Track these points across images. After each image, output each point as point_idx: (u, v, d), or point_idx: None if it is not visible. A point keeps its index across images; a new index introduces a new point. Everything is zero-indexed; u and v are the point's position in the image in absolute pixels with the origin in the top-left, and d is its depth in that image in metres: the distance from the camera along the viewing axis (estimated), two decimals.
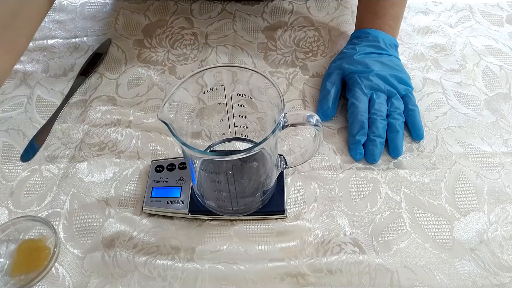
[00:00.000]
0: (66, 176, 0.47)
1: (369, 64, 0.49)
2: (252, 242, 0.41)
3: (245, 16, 0.63)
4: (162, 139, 0.50)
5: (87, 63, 0.58)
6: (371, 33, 0.52)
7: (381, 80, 0.49)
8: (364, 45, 0.52)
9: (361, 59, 0.50)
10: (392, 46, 0.53)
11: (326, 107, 0.49)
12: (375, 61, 0.50)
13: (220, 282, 0.39)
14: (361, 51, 0.51)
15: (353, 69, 0.50)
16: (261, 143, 0.33)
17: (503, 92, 0.53)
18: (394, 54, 0.52)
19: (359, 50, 0.51)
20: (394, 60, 0.51)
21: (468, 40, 0.59)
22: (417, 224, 0.42)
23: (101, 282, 0.39)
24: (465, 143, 0.48)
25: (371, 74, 0.49)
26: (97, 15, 0.65)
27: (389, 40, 0.52)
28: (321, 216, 0.43)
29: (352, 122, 0.47)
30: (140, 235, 0.42)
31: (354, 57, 0.51)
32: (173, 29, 0.62)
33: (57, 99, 0.54)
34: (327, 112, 0.50)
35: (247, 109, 0.41)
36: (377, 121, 0.47)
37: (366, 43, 0.52)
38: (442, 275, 0.39)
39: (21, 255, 0.41)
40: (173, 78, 0.56)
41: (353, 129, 0.47)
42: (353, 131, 0.47)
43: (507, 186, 0.45)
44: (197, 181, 0.41)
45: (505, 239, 0.41)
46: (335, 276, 0.39)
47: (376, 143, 0.46)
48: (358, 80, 0.49)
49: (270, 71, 0.56)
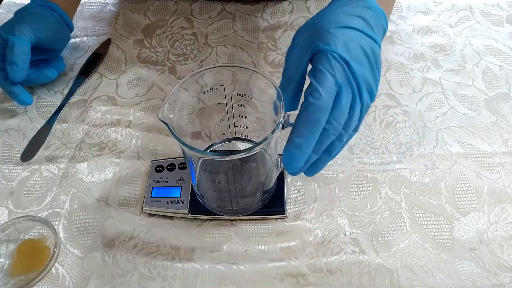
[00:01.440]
0: (66, 176, 0.47)
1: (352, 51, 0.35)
2: (252, 242, 0.41)
3: (245, 16, 0.64)
4: (162, 139, 0.50)
5: (87, 63, 0.58)
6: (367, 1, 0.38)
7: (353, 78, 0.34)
8: (351, 14, 0.37)
9: (341, 34, 0.35)
10: (380, 30, 0.39)
11: (286, 99, 0.37)
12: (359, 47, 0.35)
13: (220, 282, 0.39)
14: (343, 22, 0.36)
15: (326, 48, 0.34)
16: (261, 143, 0.33)
17: (503, 92, 0.53)
18: (378, 42, 0.38)
19: (343, 20, 0.36)
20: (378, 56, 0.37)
21: (468, 40, 0.59)
22: (417, 224, 0.42)
23: (101, 282, 0.39)
24: (465, 143, 0.48)
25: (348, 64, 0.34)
26: (97, 15, 0.65)
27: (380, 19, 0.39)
28: (321, 216, 0.43)
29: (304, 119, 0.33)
30: (140, 235, 0.42)
31: (332, 29, 0.35)
32: (173, 29, 0.62)
33: (57, 99, 0.54)
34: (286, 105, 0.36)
35: (247, 109, 0.41)
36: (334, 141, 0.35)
37: (354, 10, 0.37)
38: (442, 275, 0.39)
39: (21, 255, 0.41)
40: (173, 78, 0.56)
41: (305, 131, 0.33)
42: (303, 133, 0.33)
43: (507, 186, 0.45)
44: (197, 181, 0.41)
45: (505, 239, 0.41)
46: (335, 276, 0.39)
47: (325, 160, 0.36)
48: (331, 61, 0.34)
49: (270, 71, 0.56)
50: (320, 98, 0.32)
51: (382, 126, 0.50)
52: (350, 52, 0.34)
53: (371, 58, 0.36)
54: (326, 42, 0.34)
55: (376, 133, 0.49)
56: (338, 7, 0.38)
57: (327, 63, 0.33)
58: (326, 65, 0.33)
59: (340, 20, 0.36)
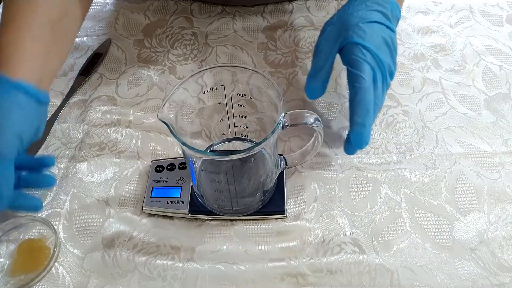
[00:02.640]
0: (66, 176, 0.47)
1: (376, 42, 0.42)
2: (252, 242, 0.41)
3: (245, 16, 0.63)
4: (162, 139, 0.50)
5: (87, 63, 0.58)
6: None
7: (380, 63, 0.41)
8: (373, 10, 0.44)
9: (367, 28, 0.42)
10: (395, 19, 0.46)
11: (315, 85, 0.44)
12: (381, 38, 0.42)
13: (220, 282, 0.39)
14: (367, 17, 0.43)
15: (358, 41, 0.41)
16: (261, 143, 0.33)
17: (503, 92, 0.53)
18: (395, 30, 0.45)
19: (367, 15, 0.43)
20: (395, 43, 0.44)
21: (468, 40, 0.59)
22: (417, 224, 0.42)
23: (101, 282, 0.39)
24: (465, 143, 0.48)
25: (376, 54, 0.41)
26: (97, 15, 0.65)
27: (395, 9, 0.46)
28: (321, 216, 0.43)
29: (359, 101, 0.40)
30: (140, 235, 0.42)
31: (360, 24, 0.42)
32: (173, 29, 0.62)
33: (57, 99, 0.54)
34: (315, 92, 0.44)
35: (247, 109, 0.41)
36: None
37: (374, 5, 0.44)
38: (442, 275, 0.39)
39: (21, 255, 0.41)
40: (173, 78, 0.56)
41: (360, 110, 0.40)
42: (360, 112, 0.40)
43: (507, 186, 0.45)
44: (197, 181, 0.41)
45: (505, 239, 0.41)
46: (335, 276, 0.39)
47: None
48: (363, 51, 0.41)
49: (270, 71, 0.56)
50: (365, 82, 0.40)
51: (382, 126, 0.50)
52: (375, 43, 0.41)
53: (390, 45, 0.43)
54: (356, 35, 0.41)
55: (376, 133, 0.49)
56: (361, 3, 0.44)
57: (361, 53, 0.41)
58: (360, 55, 0.41)
59: (364, 15, 0.43)
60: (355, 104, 0.40)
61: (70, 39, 0.47)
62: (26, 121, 0.39)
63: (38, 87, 0.40)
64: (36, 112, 0.40)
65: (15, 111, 0.38)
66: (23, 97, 0.39)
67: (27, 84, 0.39)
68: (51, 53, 0.43)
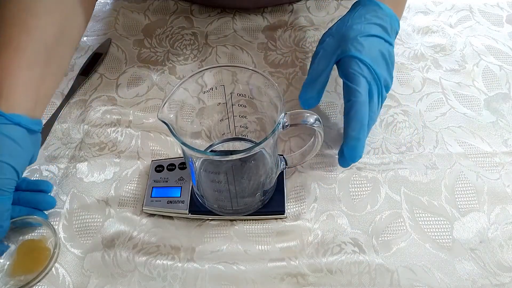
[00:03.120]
0: (66, 176, 0.47)
1: (374, 55, 0.42)
2: (252, 242, 0.41)
3: (245, 16, 0.63)
4: (162, 139, 0.50)
5: (87, 63, 0.58)
6: (383, 9, 0.45)
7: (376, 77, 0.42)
8: (372, 23, 0.44)
9: (365, 42, 0.42)
10: (394, 33, 0.46)
11: (310, 95, 0.44)
12: (378, 52, 0.43)
13: (220, 282, 0.39)
14: (366, 31, 0.43)
15: (355, 55, 0.42)
16: (261, 143, 0.33)
17: (503, 92, 0.53)
18: (393, 44, 0.46)
19: (365, 29, 0.43)
20: (392, 56, 0.45)
21: (468, 40, 0.59)
22: (417, 224, 0.42)
23: (101, 282, 0.39)
24: (465, 143, 0.48)
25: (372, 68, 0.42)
26: (97, 15, 0.65)
27: (394, 23, 0.46)
28: (321, 216, 0.43)
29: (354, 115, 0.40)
30: (140, 235, 0.42)
31: (358, 37, 0.42)
32: (173, 29, 0.62)
33: (57, 99, 0.54)
34: (310, 102, 0.44)
35: (247, 109, 0.41)
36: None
37: (374, 18, 0.44)
38: (442, 275, 0.39)
39: (21, 255, 0.41)
40: (173, 78, 0.56)
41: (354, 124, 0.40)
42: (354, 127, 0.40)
43: (507, 186, 0.45)
44: (197, 181, 0.41)
45: (505, 239, 0.41)
46: (335, 276, 0.39)
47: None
48: (360, 65, 0.41)
49: (270, 71, 0.56)
50: (361, 95, 0.40)
51: (382, 126, 0.50)
52: (373, 57, 0.42)
53: (387, 59, 0.43)
54: (354, 49, 0.42)
55: (376, 133, 0.49)
56: (360, 16, 0.45)
57: (358, 67, 0.41)
58: (357, 69, 0.41)
59: (363, 29, 0.43)
60: (350, 118, 0.40)
61: (66, 60, 0.46)
62: (21, 152, 0.38)
63: (32, 115, 0.40)
64: (30, 141, 0.40)
65: (9, 145, 0.37)
66: (18, 130, 0.38)
67: (20, 116, 0.38)
68: (46, 77, 0.42)
